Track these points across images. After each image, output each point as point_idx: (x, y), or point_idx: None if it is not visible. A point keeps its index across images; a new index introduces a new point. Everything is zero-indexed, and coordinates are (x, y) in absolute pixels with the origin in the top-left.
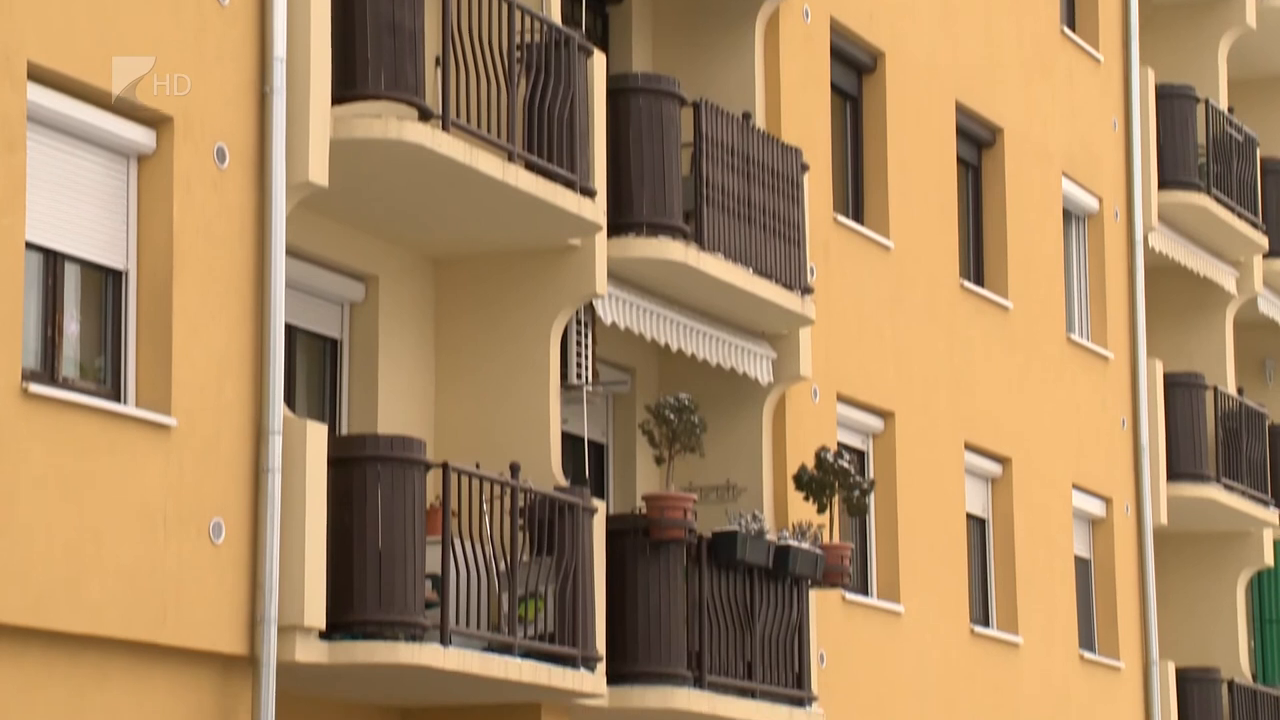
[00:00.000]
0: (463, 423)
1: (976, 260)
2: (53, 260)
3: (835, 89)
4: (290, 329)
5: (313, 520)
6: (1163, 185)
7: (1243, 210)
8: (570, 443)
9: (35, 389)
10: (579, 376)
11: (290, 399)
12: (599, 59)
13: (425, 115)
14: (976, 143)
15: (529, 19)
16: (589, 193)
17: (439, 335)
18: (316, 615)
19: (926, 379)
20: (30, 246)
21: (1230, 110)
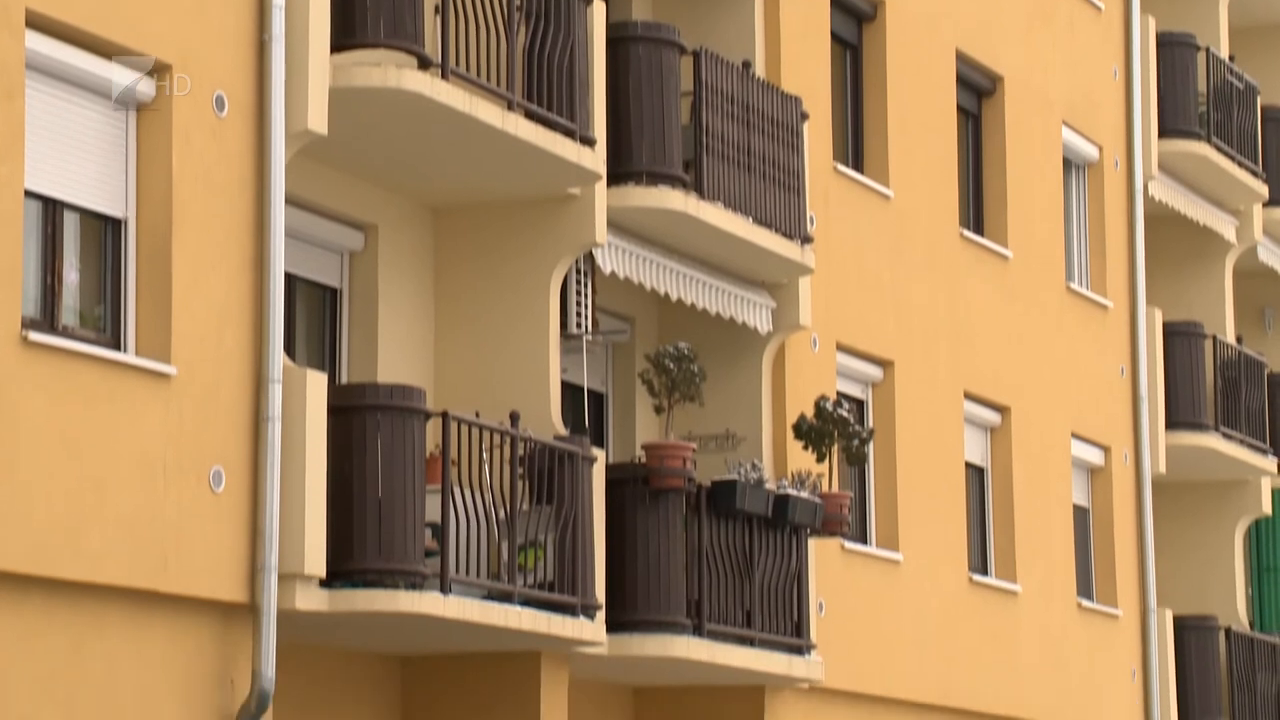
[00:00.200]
0: (462, 372)
1: (976, 209)
2: (52, 208)
3: (835, 37)
4: (290, 278)
5: (313, 469)
6: (1163, 134)
7: (1243, 159)
8: (570, 392)
9: (35, 337)
10: (578, 325)
11: (290, 348)
12: (599, 7)
13: (425, 64)
14: (976, 91)
15: None
16: (589, 141)
17: (439, 284)
18: (317, 563)
19: (926, 328)
20: (29, 195)
21: (1231, 58)
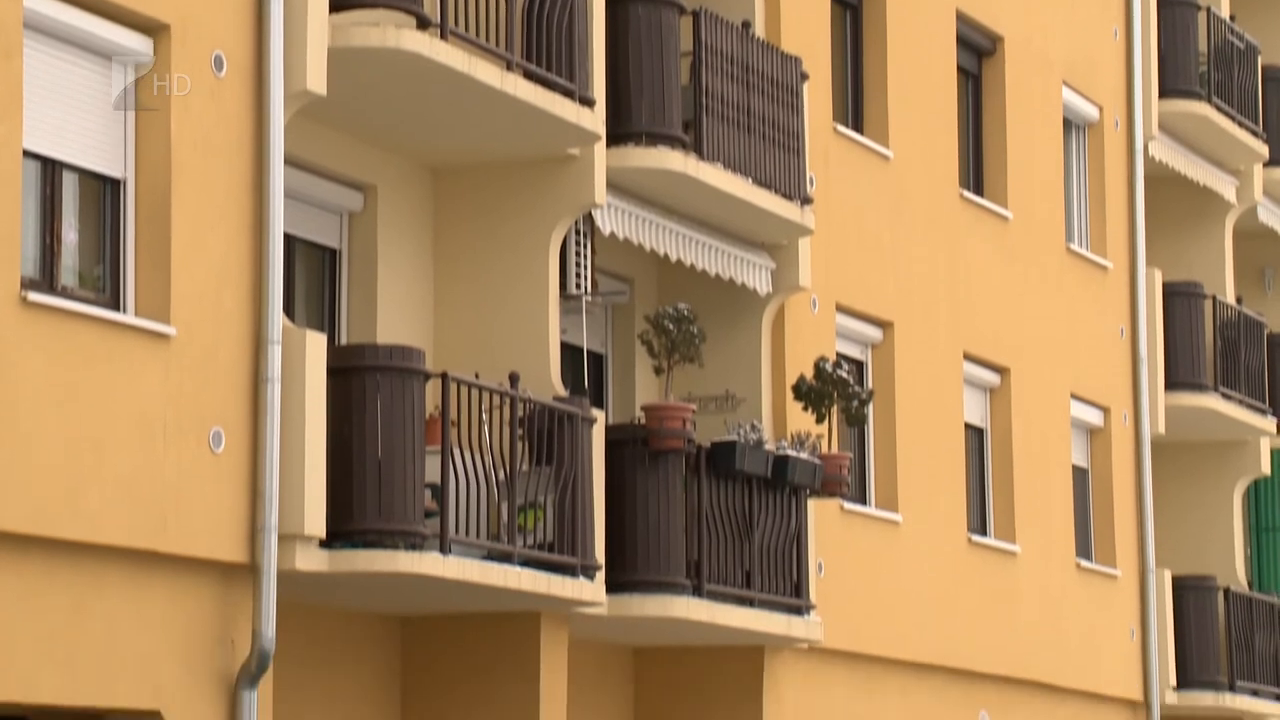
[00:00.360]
0: (462, 332)
1: (976, 170)
2: (50, 168)
3: None
4: (289, 239)
5: (312, 430)
6: (1163, 94)
7: (1243, 119)
8: (569, 353)
9: (34, 298)
10: (578, 286)
11: (289, 309)
12: None
13: (424, 23)
14: (977, 51)
15: None
16: (588, 102)
17: (438, 245)
18: (316, 524)
19: (925, 289)
20: (28, 155)
21: (1232, 18)
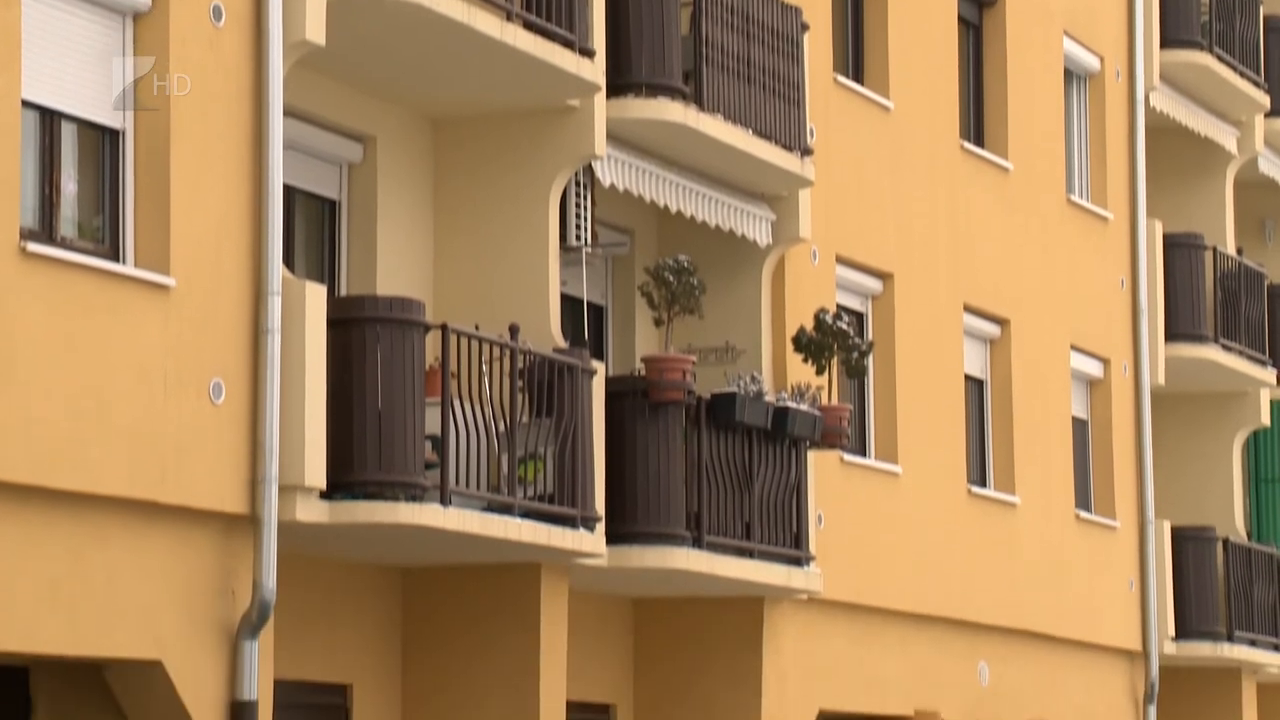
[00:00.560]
0: (462, 284)
1: (977, 121)
2: (49, 119)
3: None
4: (288, 190)
5: (312, 381)
6: (1164, 44)
7: (1244, 69)
8: (569, 304)
9: (34, 248)
10: (578, 238)
11: (289, 260)
12: None
13: None
14: (977, 2)
15: None
16: (588, 53)
17: (438, 196)
18: (317, 475)
19: (926, 241)
20: (27, 105)
21: None
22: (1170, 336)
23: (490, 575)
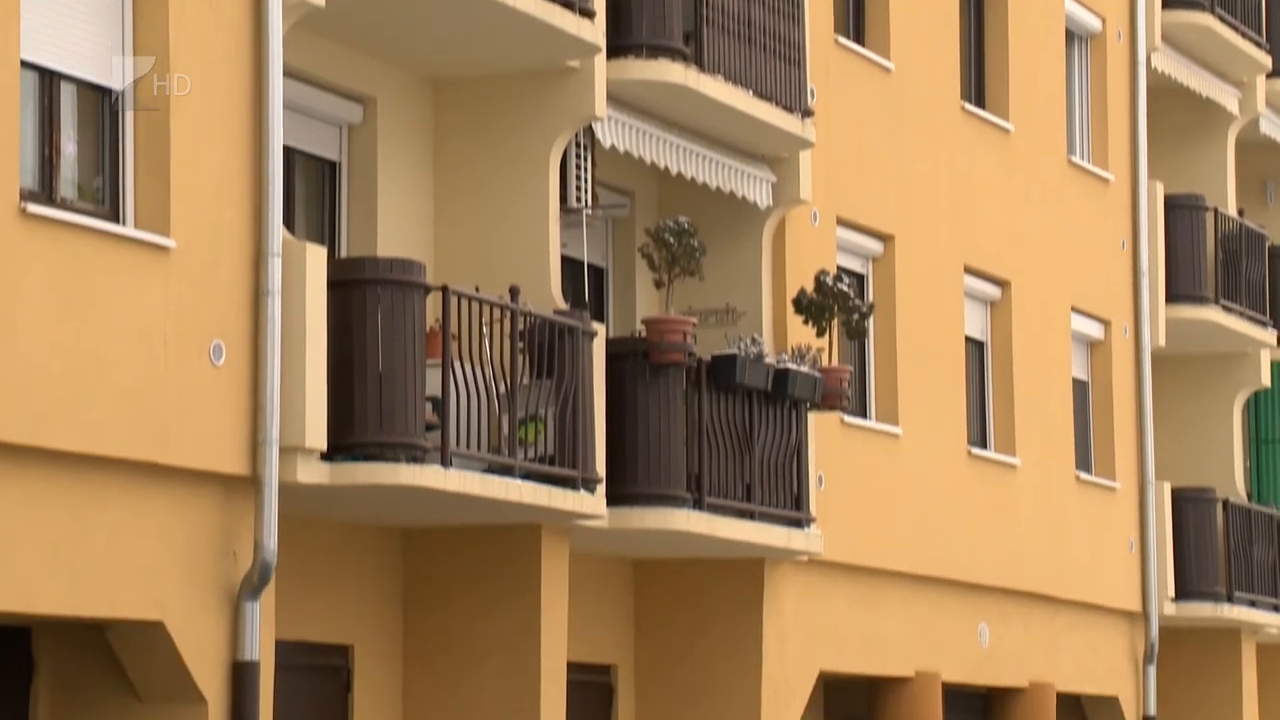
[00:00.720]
0: (462, 246)
1: (978, 82)
2: (49, 79)
3: None
4: (288, 151)
5: (313, 342)
6: (1166, 4)
7: (1246, 30)
8: (569, 266)
9: (34, 209)
10: (578, 199)
11: (289, 221)
12: None
13: None
14: None
15: None
16: (588, 13)
17: (438, 158)
18: (317, 437)
19: (926, 202)
20: (26, 65)
21: None
22: (1171, 298)
23: (491, 536)
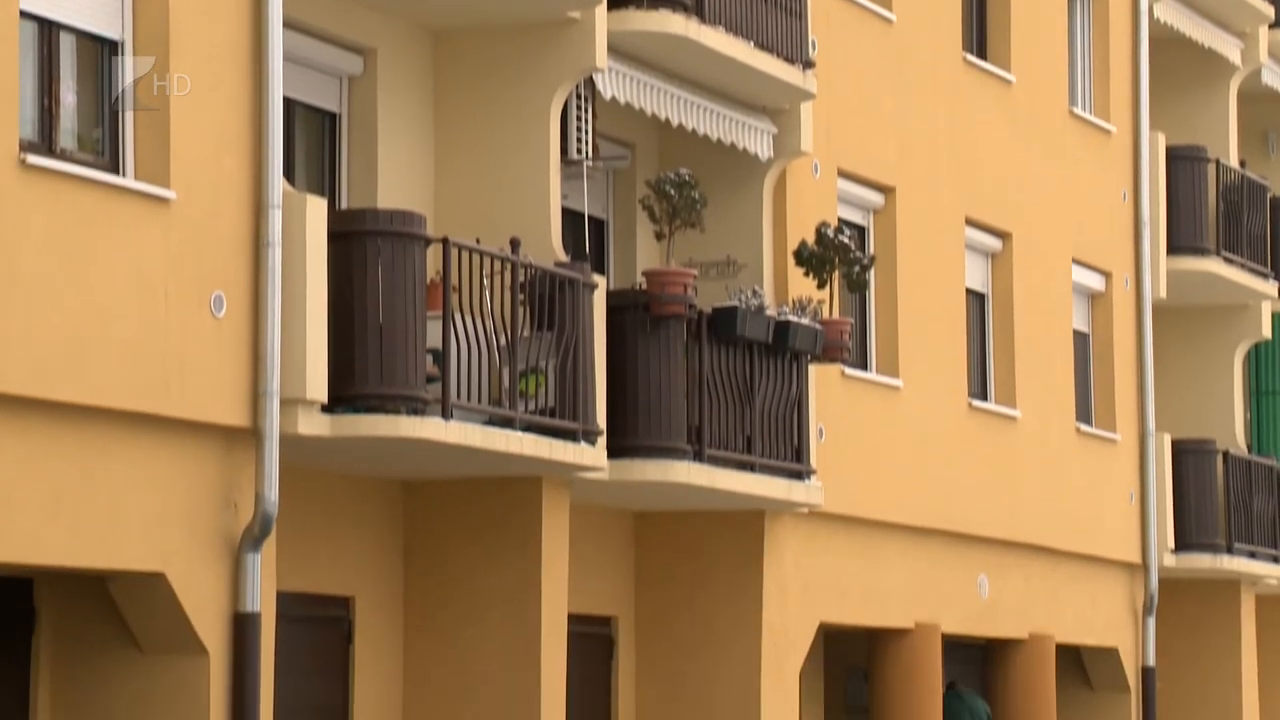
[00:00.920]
0: (462, 197)
1: (979, 33)
2: (48, 29)
3: None
4: (288, 102)
5: (313, 294)
6: None
7: None
8: (570, 218)
9: (33, 160)
10: (579, 151)
11: (289, 173)
12: None
13: None
14: None
15: None
16: None
17: (438, 109)
18: (318, 388)
19: (927, 154)
20: (25, 16)
21: None
22: (1172, 249)
23: (492, 488)
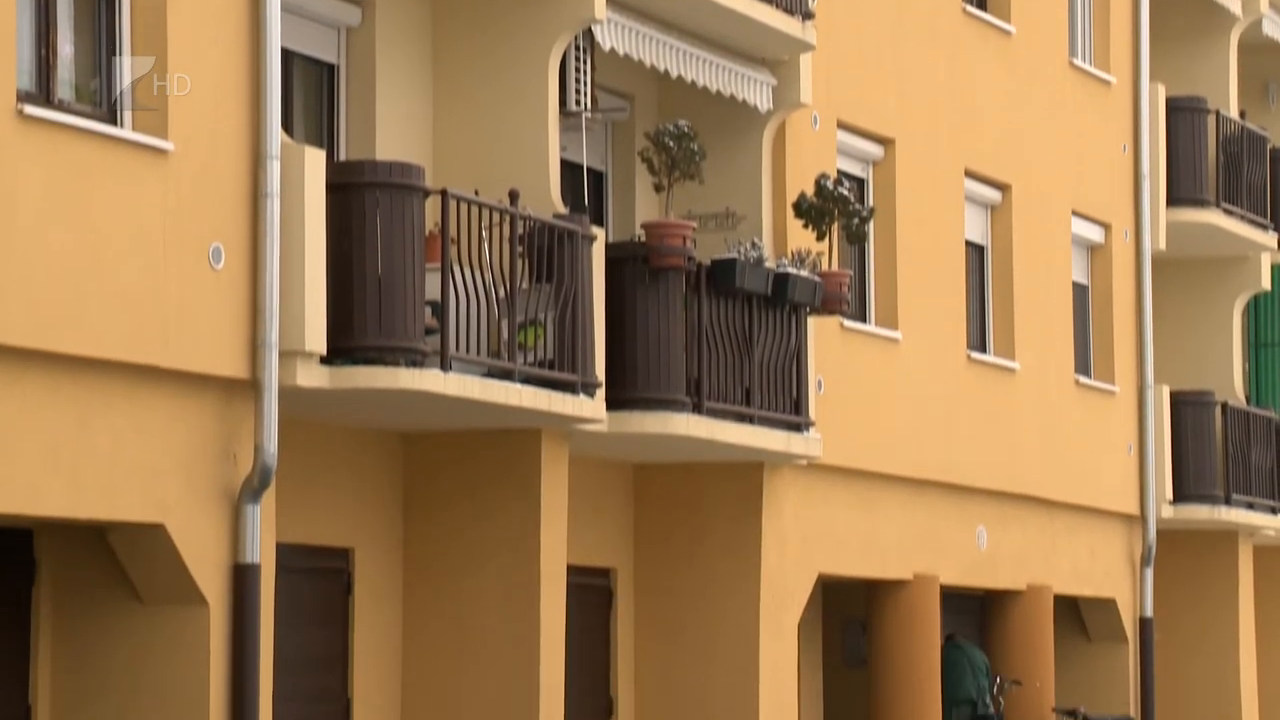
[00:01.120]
0: (461, 149)
1: None
2: None
3: None
4: (286, 53)
5: (312, 246)
6: None
7: None
8: (569, 170)
9: (30, 111)
10: (578, 103)
11: (287, 124)
12: None
13: None
14: None
15: None
16: None
17: (437, 61)
18: (317, 340)
19: (927, 105)
20: None
21: None
22: (1172, 201)
23: (491, 441)
